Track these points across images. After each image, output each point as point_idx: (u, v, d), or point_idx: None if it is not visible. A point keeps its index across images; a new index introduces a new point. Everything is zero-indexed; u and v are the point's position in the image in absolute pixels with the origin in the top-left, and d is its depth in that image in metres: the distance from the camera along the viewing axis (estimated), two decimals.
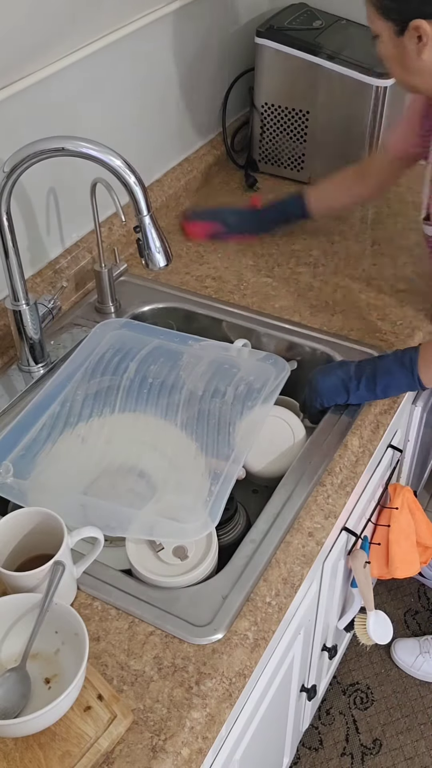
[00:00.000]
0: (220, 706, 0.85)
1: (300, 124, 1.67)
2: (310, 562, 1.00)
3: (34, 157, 1.03)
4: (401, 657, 1.91)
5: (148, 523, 0.98)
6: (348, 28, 1.66)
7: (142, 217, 1.07)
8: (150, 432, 1.14)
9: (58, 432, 1.12)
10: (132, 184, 1.04)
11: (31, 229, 1.30)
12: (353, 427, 1.17)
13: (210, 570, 0.98)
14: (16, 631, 0.85)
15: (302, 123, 1.67)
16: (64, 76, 1.25)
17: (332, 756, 1.77)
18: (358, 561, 1.40)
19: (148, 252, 1.10)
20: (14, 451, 1.08)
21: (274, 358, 1.22)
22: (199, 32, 1.59)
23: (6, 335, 1.27)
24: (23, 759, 0.78)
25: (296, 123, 1.68)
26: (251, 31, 1.75)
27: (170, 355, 1.24)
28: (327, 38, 1.60)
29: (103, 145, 1.03)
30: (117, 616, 0.92)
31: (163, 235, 1.10)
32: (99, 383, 1.20)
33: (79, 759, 0.78)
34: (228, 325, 1.38)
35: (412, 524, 1.51)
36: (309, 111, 1.64)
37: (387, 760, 1.76)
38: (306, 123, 1.67)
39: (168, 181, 1.63)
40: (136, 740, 0.81)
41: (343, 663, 1.93)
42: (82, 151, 1.03)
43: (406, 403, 1.48)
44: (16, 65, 1.16)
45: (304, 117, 1.66)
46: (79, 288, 1.43)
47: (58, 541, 0.89)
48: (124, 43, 1.35)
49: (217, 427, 1.13)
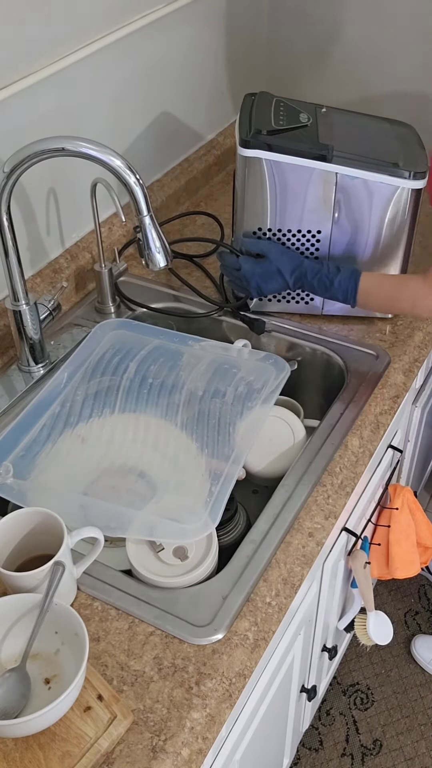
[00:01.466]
0: (220, 707, 0.85)
1: (309, 247, 1.30)
2: (310, 563, 1.00)
3: (34, 157, 1.04)
4: (421, 653, 1.93)
5: (148, 524, 0.98)
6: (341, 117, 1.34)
7: (143, 217, 1.07)
8: (150, 432, 1.14)
9: (58, 432, 1.12)
10: (132, 184, 1.04)
11: (31, 229, 1.30)
12: (353, 427, 1.17)
13: (210, 570, 0.98)
14: (16, 632, 0.85)
15: (312, 245, 1.30)
16: (65, 76, 1.25)
17: (332, 756, 1.77)
18: (358, 561, 1.40)
19: (148, 252, 1.10)
20: (14, 451, 1.08)
21: (274, 358, 1.22)
22: (199, 32, 1.59)
23: (6, 335, 1.27)
24: (23, 759, 0.78)
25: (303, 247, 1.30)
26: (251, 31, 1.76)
27: (170, 355, 1.24)
28: (327, 136, 1.25)
29: (103, 145, 1.03)
30: (117, 617, 0.92)
31: (163, 235, 1.10)
32: (99, 383, 1.20)
33: (79, 759, 0.78)
34: (228, 325, 1.38)
35: (412, 524, 1.51)
36: (320, 231, 1.28)
37: (387, 761, 1.76)
38: (317, 246, 1.30)
39: (168, 181, 1.63)
40: (136, 740, 0.81)
41: (343, 663, 1.93)
42: (82, 151, 1.03)
43: (406, 404, 1.48)
44: (16, 65, 1.16)
45: (314, 239, 1.29)
46: (79, 288, 1.43)
47: (58, 541, 0.89)
48: (124, 43, 1.35)
49: (217, 428, 1.13)
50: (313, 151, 1.21)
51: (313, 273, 1.24)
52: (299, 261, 1.26)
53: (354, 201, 1.25)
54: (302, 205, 1.25)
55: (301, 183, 1.23)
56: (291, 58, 1.84)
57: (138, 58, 1.43)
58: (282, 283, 1.27)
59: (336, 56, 1.78)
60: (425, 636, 1.96)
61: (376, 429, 1.19)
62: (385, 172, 1.22)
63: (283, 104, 1.31)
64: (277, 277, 1.26)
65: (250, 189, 1.25)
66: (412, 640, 1.96)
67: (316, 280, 1.24)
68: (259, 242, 1.28)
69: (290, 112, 1.29)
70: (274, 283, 1.27)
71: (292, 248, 1.30)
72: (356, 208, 1.26)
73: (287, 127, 1.24)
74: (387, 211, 1.26)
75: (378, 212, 1.26)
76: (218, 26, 1.65)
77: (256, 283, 1.27)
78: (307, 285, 1.26)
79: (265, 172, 1.23)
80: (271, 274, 1.26)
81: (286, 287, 1.28)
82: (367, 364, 1.27)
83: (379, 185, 1.23)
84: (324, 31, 1.76)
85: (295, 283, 1.26)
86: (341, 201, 1.25)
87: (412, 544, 1.52)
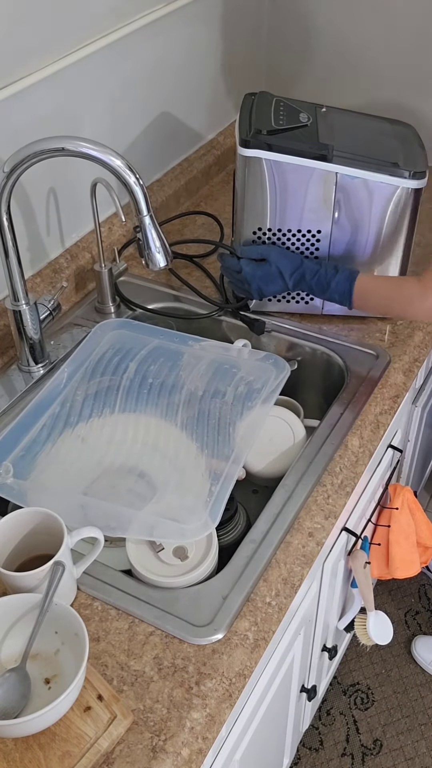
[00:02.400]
0: (220, 707, 0.85)
1: (309, 246, 1.30)
2: (310, 563, 1.00)
3: (34, 157, 1.03)
4: (422, 654, 1.93)
5: (148, 524, 0.98)
6: (341, 117, 1.34)
7: (143, 217, 1.07)
8: (150, 432, 1.14)
9: (58, 432, 1.12)
10: (132, 184, 1.04)
11: (31, 229, 1.30)
12: (353, 427, 1.17)
13: (210, 570, 0.98)
14: (16, 632, 0.85)
15: (312, 245, 1.30)
16: (65, 75, 1.25)
17: (333, 756, 1.77)
18: (358, 561, 1.40)
19: (148, 252, 1.10)
20: (14, 451, 1.08)
21: (274, 358, 1.22)
22: (199, 32, 1.59)
23: (6, 335, 1.27)
24: (23, 759, 0.78)
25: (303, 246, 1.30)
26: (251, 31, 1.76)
27: (170, 355, 1.24)
28: (327, 136, 1.25)
29: (103, 145, 1.03)
30: (117, 617, 0.92)
31: (163, 235, 1.10)
32: (99, 383, 1.20)
33: (79, 759, 0.78)
34: (228, 325, 1.38)
35: (412, 524, 1.51)
36: (320, 230, 1.29)
37: (387, 761, 1.76)
38: (317, 246, 1.30)
39: (168, 181, 1.63)
40: (136, 740, 0.81)
41: (343, 663, 1.93)
42: (82, 151, 1.03)
43: (406, 404, 1.48)
44: (16, 65, 1.16)
45: (314, 239, 1.29)
46: (79, 288, 1.43)
47: (58, 541, 0.89)
48: (124, 43, 1.35)
49: (217, 428, 1.13)
50: (314, 151, 1.21)
51: (312, 274, 1.25)
52: (299, 262, 1.26)
53: (354, 201, 1.25)
54: (302, 205, 1.25)
55: (301, 183, 1.23)
56: (291, 58, 1.84)
57: (138, 58, 1.43)
58: (282, 285, 1.27)
59: (336, 56, 1.78)
60: (425, 637, 1.96)
61: (376, 429, 1.19)
62: (385, 171, 1.22)
63: (283, 104, 1.31)
64: (278, 279, 1.26)
65: (250, 189, 1.25)
66: (413, 641, 1.96)
67: (314, 281, 1.24)
68: (259, 247, 1.28)
69: (290, 111, 1.29)
70: (275, 285, 1.27)
71: (292, 248, 1.30)
72: (356, 208, 1.25)
73: (287, 127, 1.24)
74: (387, 210, 1.26)
75: (378, 212, 1.26)
76: (218, 26, 1.65)
77: (257, 285, 1.28)
78: (305, 286, 1.26)
79: (265, 171, 1.23)
80: (272, 276, 1.26)
81: (286, 289, 1.28)
82: (367, 364, 1.27)
83: (379, 185, 1.23)
84: (324, 31, 1.76)
85: (295, 285, 1.27)
86: (341, 200, 1.25)
87: (412, 544, 1.52)
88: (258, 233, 1.29)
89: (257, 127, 1.22)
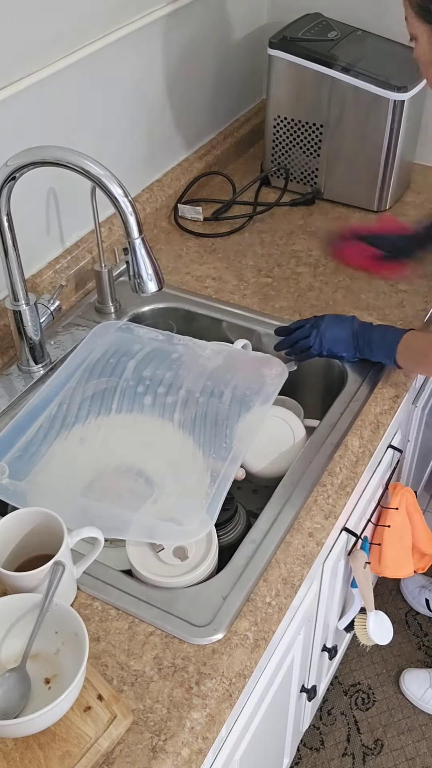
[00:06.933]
0: (220, 707, 0.85)
1: (314, 138, 1.61)
2: (310, 563, 1.00)
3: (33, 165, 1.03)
4: (410, 689, 1.86)
5: (146, 527, 0.98)
6: (365, 40, 1.60)
7: (133, 240, 1.02)
8: (148, 432, 1.14)
9: (54, 433, 1.12)
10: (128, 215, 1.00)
11: (31, 229, 1.30)
12: (353, 427, 1.17)
13: (210, 570, 0.98)
14: (16, 632, 0.85)
15: (316, 137, 1.61)
16: (65, 75, 1.25)
17: (333, 756, 1.77)
18: (358, 561, 1.40)
19: (138, 280, 1.05)
20: (10, 452, 1.08)
21: (273, 358, 1.22)
22: (199, 32, 1.59)
23: (6, 335, 1.27)
24: (23, 759, 0.78)
25: (310, 137, 1.61)
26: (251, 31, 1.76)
27: (169, 355, 1.24)
28: (342, 50, 1.53)
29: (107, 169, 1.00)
30: (117, 617, 0.92)
31: (154, 258, 1.05)
32: (97, 384, 1.20)
33: (79, 759, 0.78)
34: (228, 325, 1.38)
35: (408, 527, 1.51)
36: (323, 125, 1.58)
37: (388, 761, 1.76)
38: (320, 137, 1.60)
39: (168, 181, 1.63)
40: (136, 740, 0.81)
41: (344, 663, 1.93)
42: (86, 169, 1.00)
43: (406, 404, 1.48)
44: (15, 65, 1.16)
45: (318, 131, 1.59)
46: (79, 288, 1.43)
47: (58, 541, 0.89)
48: (124, 43, 1.35)
49: (214, 428, 1.13)
50: (317, 57, 1.51)
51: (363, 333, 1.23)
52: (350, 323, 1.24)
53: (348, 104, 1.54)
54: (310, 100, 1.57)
55: (311, 82, 1.55)
56: None
57: (137, 58, 1.43)
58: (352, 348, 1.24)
59: None
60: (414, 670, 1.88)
61: (376, 429, 1.19)
62: (373, 83, 1.49)
63: (324, 22, 1.63)
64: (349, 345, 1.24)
65: (273, 81, 1.60)
66: (401, 676, 1.88)
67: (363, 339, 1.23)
68: None
69: (324, 28, 1.60)
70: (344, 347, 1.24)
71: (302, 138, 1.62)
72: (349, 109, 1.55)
73: (312, 38, 1.55)
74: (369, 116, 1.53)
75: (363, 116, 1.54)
76: (218, 26, 1.65)
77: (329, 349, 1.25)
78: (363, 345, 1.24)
79: (285, 68, 1.56)
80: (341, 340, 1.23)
81: None
82: (367, 363, 1.27)
83: (367, 93, 1.50)
84: None
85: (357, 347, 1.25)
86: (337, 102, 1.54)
87: (406, 546, 1.51)
88: (277, 119, 1.62)
89: (285, 34, 1.54)
